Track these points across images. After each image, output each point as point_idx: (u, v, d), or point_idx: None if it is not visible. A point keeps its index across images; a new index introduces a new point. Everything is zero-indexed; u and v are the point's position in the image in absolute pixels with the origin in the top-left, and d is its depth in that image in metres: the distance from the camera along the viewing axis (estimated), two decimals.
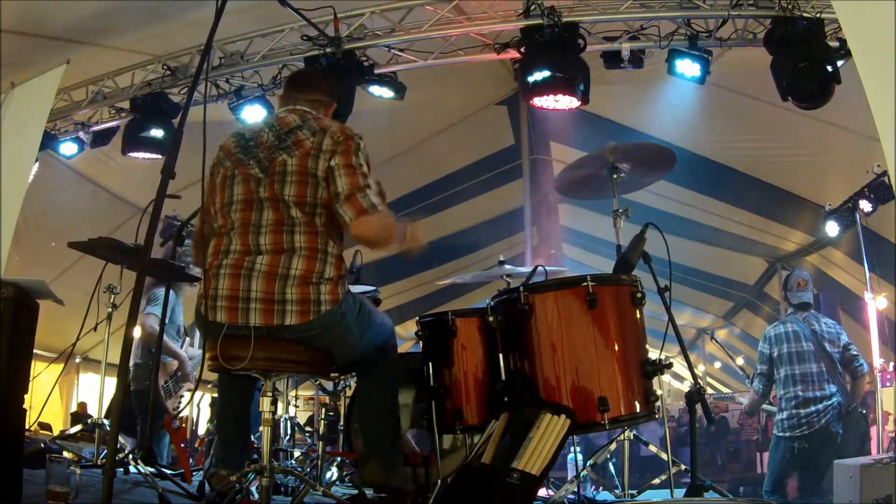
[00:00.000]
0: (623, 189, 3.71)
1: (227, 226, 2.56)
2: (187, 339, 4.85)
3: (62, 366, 4.00)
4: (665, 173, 3.91)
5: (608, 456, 3.50)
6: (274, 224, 2.49)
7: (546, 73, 4.60)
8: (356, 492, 3.17)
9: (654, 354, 2.71)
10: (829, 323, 4.72)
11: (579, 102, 4.74)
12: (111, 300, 3.60)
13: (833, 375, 4.49)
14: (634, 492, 3.43)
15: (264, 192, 2.52)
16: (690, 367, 3.01)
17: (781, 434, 4.55)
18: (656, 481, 3.38)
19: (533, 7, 4.70)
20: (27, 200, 4.97)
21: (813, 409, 4.44)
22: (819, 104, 4.38)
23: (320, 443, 3.84)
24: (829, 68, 4.20)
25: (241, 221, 2.53)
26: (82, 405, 8.75)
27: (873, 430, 5.74)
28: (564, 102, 4.79)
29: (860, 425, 4.56)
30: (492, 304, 2.89)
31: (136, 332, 4.63)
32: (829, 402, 4.44)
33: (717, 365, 14.62)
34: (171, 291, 4.38)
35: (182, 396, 4.65)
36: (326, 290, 2.47)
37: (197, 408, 6.52)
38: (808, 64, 4.22)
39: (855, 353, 4.61)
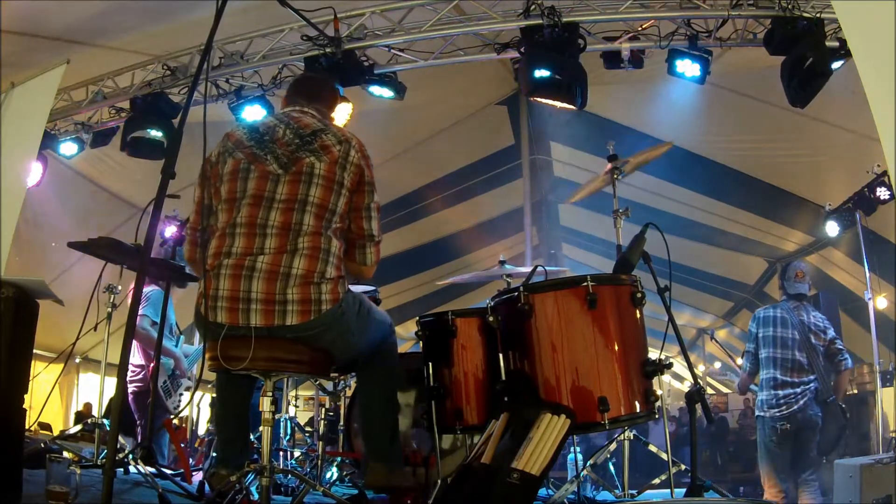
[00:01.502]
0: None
1: (230, 222, 2.52)
2: (181, 336, 4.84)
3: (62, 366, 3.99)
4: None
5: (608, 456, 3.50)
6: (280, 227, 2.48)
7: (545, 73, 4.61)
8: (356, 492, 3.18)
9: (654, 354, 2.71)
10: (819, 316, 4.74)
11: (576, 108, 4.78)
12: (111, 300, 3.60)
13: (814, 367, 4.54)
14: (634, 492, 3.43)
15: (281, 191, 2.50)
16: (690, 367, 3.00)
17: (762, 414, 4.62)
18: (656, 481, 3.38)
19: (533, 7, 4.70)
20: (27, 200, 4.97)
21: (790, 391, 4.50)
22: (805, 100, 4.39)
23: (320, 443, 3.85)
24: (814, 65, 4.22)
25: (247, 219, 2.50)
26: (87, 405, 8.76)
27: (872, 430, 5.75)
28: (562, 104, 4.86)
29: (839, 419, 4.57)
30: (492, 304, 2.89)
31: None
32: (807, 387, 4.50)
33: (717, 365, 14.63)
34: (161, 291, 4.38)
35: (181, 395, 4.65)
36: (327, 289, 2.47)
37: (197, 408, 6.53)
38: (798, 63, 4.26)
39: (840, 347, 4.65)
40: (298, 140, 2.59)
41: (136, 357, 4.57)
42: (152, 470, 3.13)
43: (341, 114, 5.14)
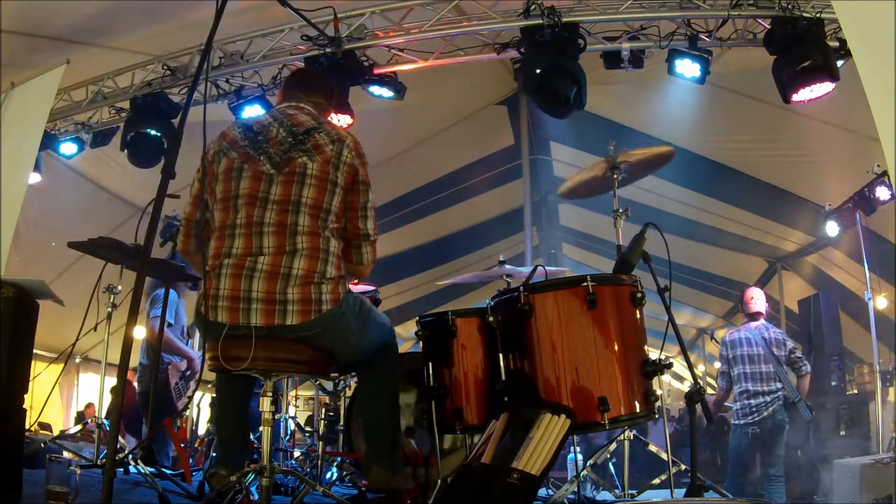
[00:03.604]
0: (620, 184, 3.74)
1: (229, 223, 2.52)
2: (191, 339, 4.84)
3: (62, 366, 3.99)
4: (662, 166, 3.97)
5: (608, 456, 3.50)
6: (276, 226, 2.47)
7: (543, 74, 4.61)
8: (356, 492, 3.17)
9: (654, 354, 2.71)
10: (777, 331, 5.37)
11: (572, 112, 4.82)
12: (111, 300, 3.60)
13: (779, 375, 5.14)
14: (634, 492, 3.43)
15: (275, 192, 2.50)
16: (690, 367, 3.00)
17: (737, 422, 5.21)
18: (656, 481, 3.38)
19: (533, 7, 4.70)
20: (27, 200, 4.97)
21: (761, 399, 5.09)
22: (792, 91, 4.40)
23: (320, 443, 3.84)
24: (819, 66, 4.23)
25: (245, 220, 2.50)
26: (91, 406, 8.76)
27: (872, 430, 5.78)
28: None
29: (805, 416, 5.21)
30: (492, 304, 2.89)
31: (140, 334, 4.63)
32: (776, 395, 5.10)
33: (717, 365, 14.61)
34: (174, 292, 4.39)
35: (191, 397, 4.64)
36: (328, 289, 2.47)
37: (197, 408, 6.53)
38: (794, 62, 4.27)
39: (799, 356, 5.29)
40: (291, 139, 2.58)
41: (144, 356, 4.55)
42: (152, 470, 3.13)
43: (341, 123, 5.15)
